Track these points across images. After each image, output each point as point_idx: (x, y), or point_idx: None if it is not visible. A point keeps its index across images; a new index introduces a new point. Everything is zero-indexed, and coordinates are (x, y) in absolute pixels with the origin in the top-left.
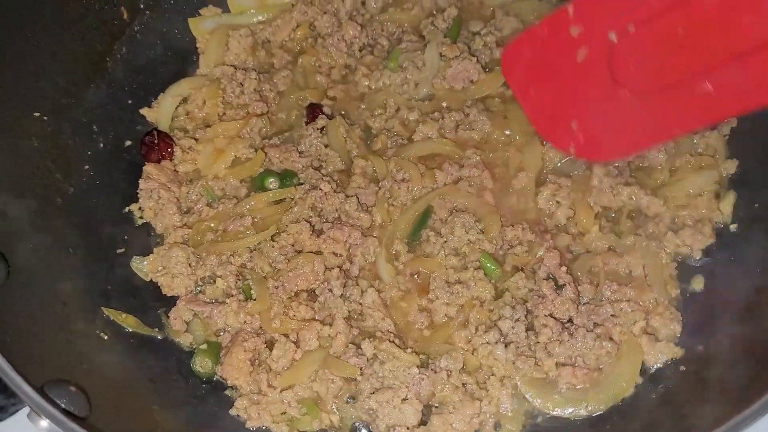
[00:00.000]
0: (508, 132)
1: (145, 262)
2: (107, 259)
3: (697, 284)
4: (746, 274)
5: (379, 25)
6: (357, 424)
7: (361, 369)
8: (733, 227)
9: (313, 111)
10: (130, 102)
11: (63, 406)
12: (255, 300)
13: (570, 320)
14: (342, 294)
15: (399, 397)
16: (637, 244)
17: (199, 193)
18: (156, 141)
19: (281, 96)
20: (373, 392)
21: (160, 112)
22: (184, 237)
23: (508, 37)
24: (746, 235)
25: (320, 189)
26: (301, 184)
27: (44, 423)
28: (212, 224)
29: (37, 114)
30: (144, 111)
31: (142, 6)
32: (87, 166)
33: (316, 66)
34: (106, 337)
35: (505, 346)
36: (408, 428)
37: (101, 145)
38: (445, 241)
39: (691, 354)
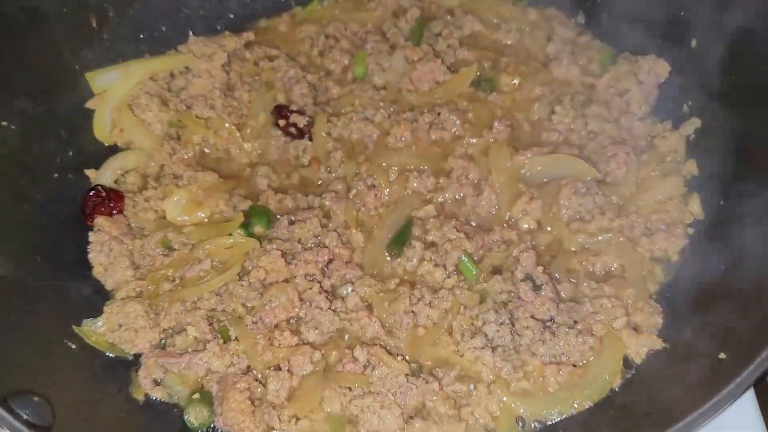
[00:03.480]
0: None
1: (99, 323)
2: (77, 269)
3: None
4: (712, 269)
5: (342, 25)
6: None
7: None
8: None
9: (281, 112)
10: None
11: (26, 417)
12: (238, 340)
13: (551, 319)
14: (330, 307)
15: (379, 404)
16: (613, 241)
17: (156, 245)
18: (104, 195)
19: (247, 106)
20: (355, 398)
21: (99, 179)
22: (136, 290)
23: (469, 38)
24: (713, 232)
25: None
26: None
27: None
28: (168, 272)
29: (4, 123)
30: (89, 172)
31: (111, 14)
32: (56, 174)
33: (277, 77)
34: (73, 347)
35: (492, 351)
36: None
37: (70, 153)
38: (427, 246)
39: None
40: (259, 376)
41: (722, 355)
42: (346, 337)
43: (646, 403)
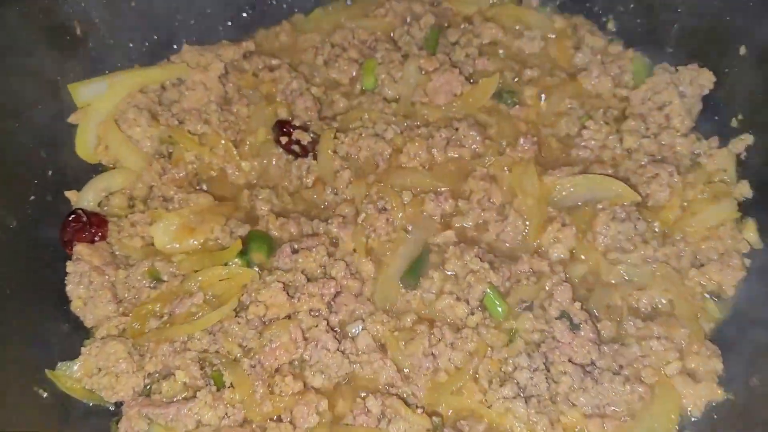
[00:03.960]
0: (507, 149)
1: (75, 366)
2: (54, 304)
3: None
4: None
5: (350, 33)
6: None
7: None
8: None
9: (282, 127)
10: None
11: None
12: (233, 387)
13: (592, 363)
14: (339, 348)
15: None
16: (658, 273)
17: (142, 277)
18: (85, 219)
19: (245, 121)
20: None
21: (80, 202)
22: (119, 327)
23: (489, 47)
24: None
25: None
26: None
27: None
28: (155, 307)
29: None
30: (69, 194)
31: (96, 21)
32: (33, 197)
33: (279, 89)
34: (45, 395)
35: (525, 401)
36: None
37: (49, 173)
38: (446, 277)
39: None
40: (258, 429)
41: None
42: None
43: None
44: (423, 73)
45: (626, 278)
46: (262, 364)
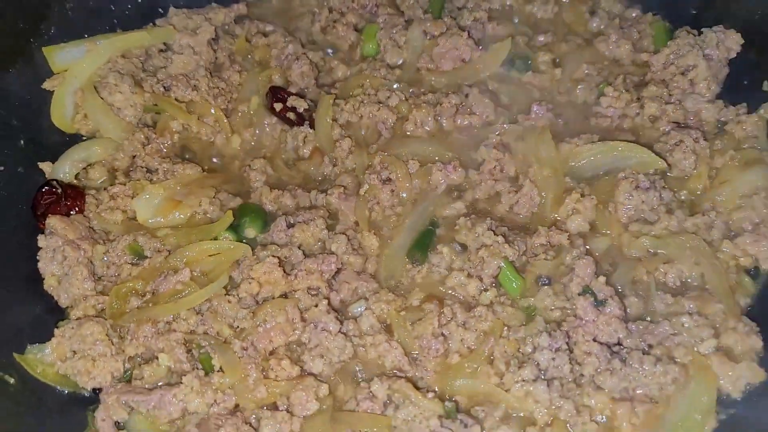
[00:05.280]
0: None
1: (48, 350)
2: (26, 283)
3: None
4: None
5: None
6: None
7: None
8: None
9: (277, 94)
10: None
11: None
12: (223, 371)
13: (619, 343)
14: (340, 329)
15: None
16: (688, 244)
17: (122, 252)
18: (60, 192)
19: (237, 89)
20: None
21: (55, 174)
22: (96, 307)
23: (499, 12)
24: None
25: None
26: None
27: None
28: (137, 285)
29: None
30: (43, 166)
31: None
32: (2, 167)
33: (273, 55)
34: (12, 381)
35: (547, 384)
36: None
37: (21, 142)
38: (457, 252)
39: None
40: (251, 417)
41: None
42: (359, 368)
43: None
44: (428, 37)
45: (651, 251)
46: (255, 346)
